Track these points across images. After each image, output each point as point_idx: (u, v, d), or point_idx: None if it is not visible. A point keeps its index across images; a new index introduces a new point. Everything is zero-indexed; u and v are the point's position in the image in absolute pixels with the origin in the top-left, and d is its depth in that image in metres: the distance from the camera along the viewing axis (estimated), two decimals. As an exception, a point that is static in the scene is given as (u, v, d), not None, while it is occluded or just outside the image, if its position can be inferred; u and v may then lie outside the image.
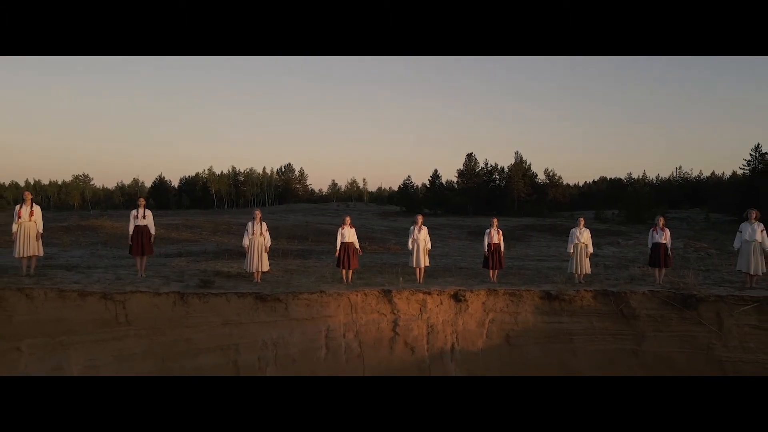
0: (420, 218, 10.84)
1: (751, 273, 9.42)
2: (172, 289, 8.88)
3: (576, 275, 10.46)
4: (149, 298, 8.58)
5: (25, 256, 8.97)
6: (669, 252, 10.17)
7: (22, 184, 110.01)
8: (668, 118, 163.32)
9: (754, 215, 9.55)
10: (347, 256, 10.07)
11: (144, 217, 9.63)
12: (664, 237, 10.13)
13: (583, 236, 10.53)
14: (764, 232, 9.40)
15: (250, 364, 8.86)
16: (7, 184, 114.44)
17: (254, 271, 9.86)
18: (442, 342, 9.68)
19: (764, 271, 9.46)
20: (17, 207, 9.04)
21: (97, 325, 8.30)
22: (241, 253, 12.64)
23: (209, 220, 33.91)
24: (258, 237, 9.88)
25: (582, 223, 10.76)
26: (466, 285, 10.20)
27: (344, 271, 10.17)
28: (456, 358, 9.66)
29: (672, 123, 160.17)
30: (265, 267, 10.00)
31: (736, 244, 9.76)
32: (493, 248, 10.62)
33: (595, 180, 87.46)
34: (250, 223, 10.05)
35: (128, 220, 9.88)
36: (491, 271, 10.73)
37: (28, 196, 9.17)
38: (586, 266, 10.46)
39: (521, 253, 18.17)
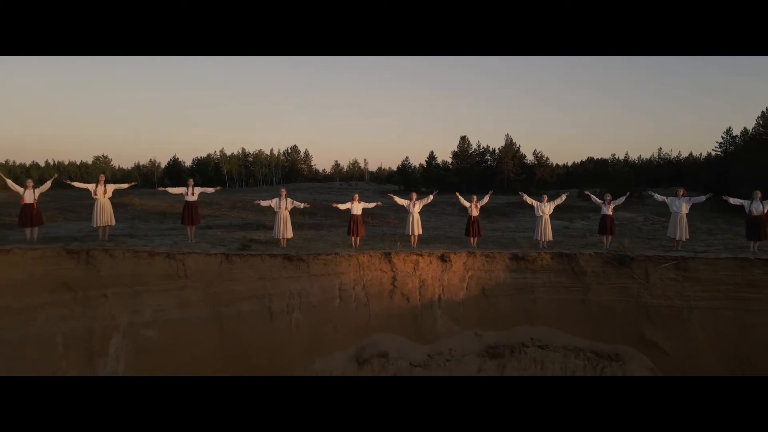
0: (414, 195, 12.64)
1: (677, 239, 11.29)
2: (219, 251, 10.72)
3: (540, 241, 12.29)
4: (202, 257, 10.43)
5: (101, 225, 10.80)
6: (614, 222, 12.02)
7: (42, 164, 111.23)
8: (653, 101, 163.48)
9: (681, 192, 11.36)
10: (356, 226, 11.90)
11: (193, 194, 11.43)
12: (610, 210, 11.96)
13: (547, 208, 12.32)
14: (689, 205, 11.23)
15: (280, 310, 10.76)
16: (28, 164, 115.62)
17: (281, 237, 11.69)
18: (431, 294, 11.58)
19: (687, 237, 11.34)
20: (93, 186, 10.82)
21: (162, 278, 10.15)
22: (263, 226, 14.51)
23: (225, 198, 35.54)
24: (284, 210, 11.68)
25: (546, 199, 12.51)
26: (451, 249, 12.05)
27: (353, 238, 12.01)
28: (442, 307, 11.58)
29: (656, 106, 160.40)
30: (290, 234, 11.83)
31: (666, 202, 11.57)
32: (473, 220, 12.44)
33: (583, 160, 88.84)
34: (276, 199, 11.81)
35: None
36: (472, 239, 12.56)
37: (102, 178, 10.94)
38: (548, 234, 12.28)
39: (503, 226, 19.99)
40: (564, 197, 12.74)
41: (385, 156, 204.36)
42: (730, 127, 50.98)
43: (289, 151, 79.96)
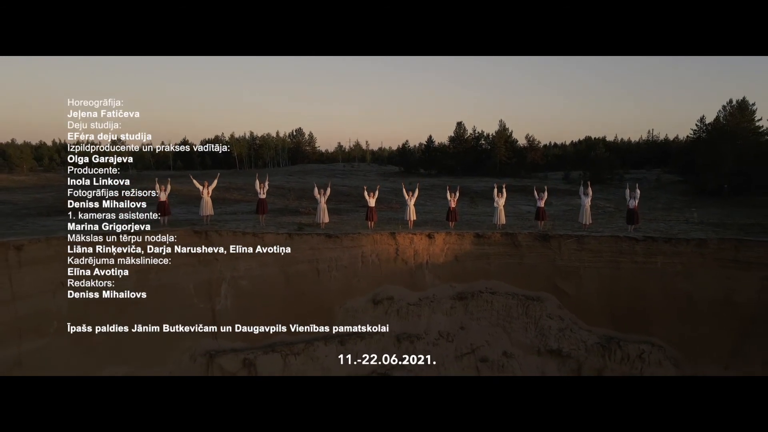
0: (410, 193, 18.69)
1: (584, 223, 17.50)
2: (284, 231, 16.88)
3: (496, 224, 18.41)
4: (274, 236, 16.58)
5: (206, 215, 16.96)
6: (545, 210, 18.16)
7: (49, 144, 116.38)
8: (647, 84, 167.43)
9: (588, 186, 17.48)
10: (371, 214, 18.06)
11: (264, 193, 17.53)
12: (542, 202, 18.05)
13: (501, 200, 18.38)
14: (591, 198, 17.38)
15: (324, 269, 16.96)
16: (34, 143, 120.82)
17: (321, 222, 17.84)
18: (422, 259, 17.79)
19: (590, 222, 17.54)
20: (201, 188, 16.90)
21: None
22: (298, 211, 20.72)
23: (247, 182, 41.47)
24: (323, 204, 17.82)
25: (499, 192, 18.50)
26: (435, 230, 18.21)
27: (369, 222, 18.17)
28: (429, 268, 17.82)
29: (649, 89, 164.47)
30: (326, 219, 17.97)
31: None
32: (451, 210, 18.56)
33: (581, 139, 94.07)
34: (318, 195, 17.92)
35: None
36: (450, 223, 18.70)
37: (206, 183, 17.04)
38: (502, 219, 18.37)
39: (480, 212, 26.07)
40: (504, 188, 18.47)
41: (386, 136, 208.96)
42: (703, 116, 56.47)
43: (294, 133, 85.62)
